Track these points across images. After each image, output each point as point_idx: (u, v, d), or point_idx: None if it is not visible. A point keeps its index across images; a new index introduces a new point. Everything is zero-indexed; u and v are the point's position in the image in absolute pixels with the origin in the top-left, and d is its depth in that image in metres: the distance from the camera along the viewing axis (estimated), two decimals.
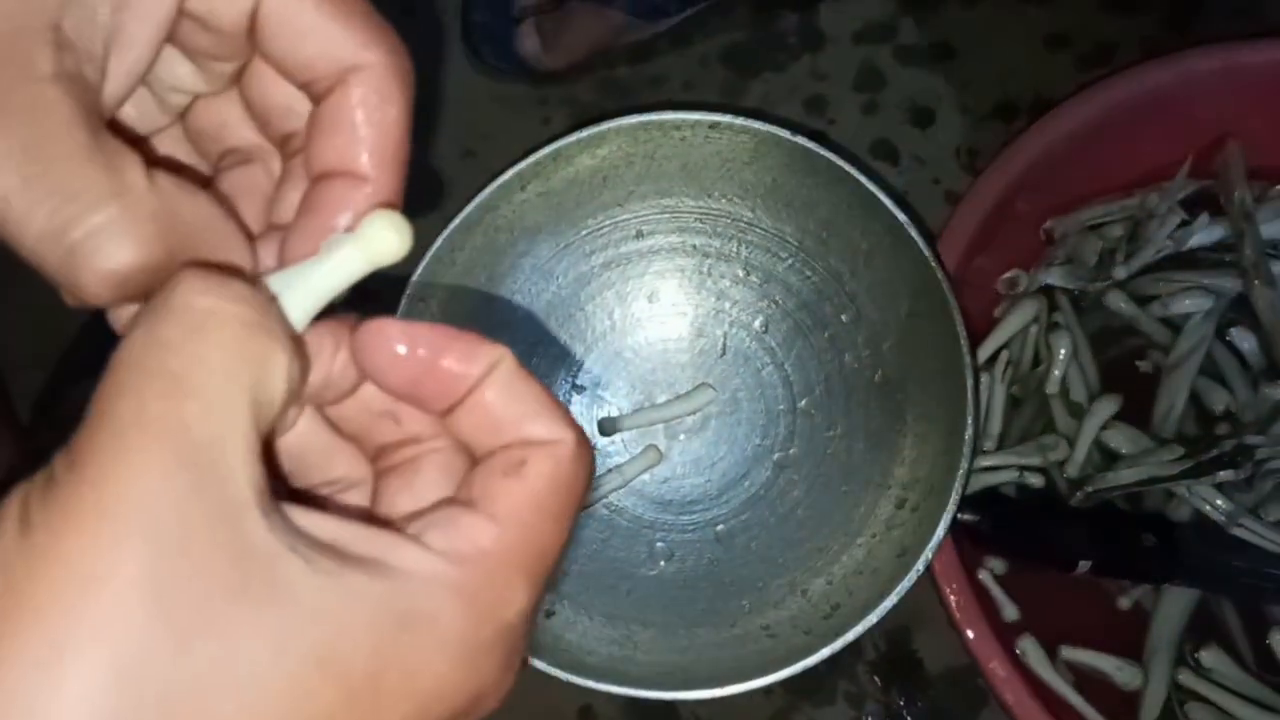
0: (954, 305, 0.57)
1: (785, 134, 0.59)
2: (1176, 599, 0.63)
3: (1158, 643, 0.63)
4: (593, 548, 0.66)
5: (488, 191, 0.59)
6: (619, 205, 0.65)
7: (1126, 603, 0.65)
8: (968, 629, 0.58)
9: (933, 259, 0.58)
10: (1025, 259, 0.70)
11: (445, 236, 0.59)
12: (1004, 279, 0.69)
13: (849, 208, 0.61)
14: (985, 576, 0.65)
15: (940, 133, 0.79)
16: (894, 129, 0.79)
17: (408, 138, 0.24)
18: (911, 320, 0.62)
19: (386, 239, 0.23)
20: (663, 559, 0.66)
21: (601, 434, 0.68)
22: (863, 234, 0.62)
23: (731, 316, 0.68)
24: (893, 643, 0.71)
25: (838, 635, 0.56)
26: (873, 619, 0.56)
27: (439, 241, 0.59)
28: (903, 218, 0.58)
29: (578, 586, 0.64)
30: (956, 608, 0.58)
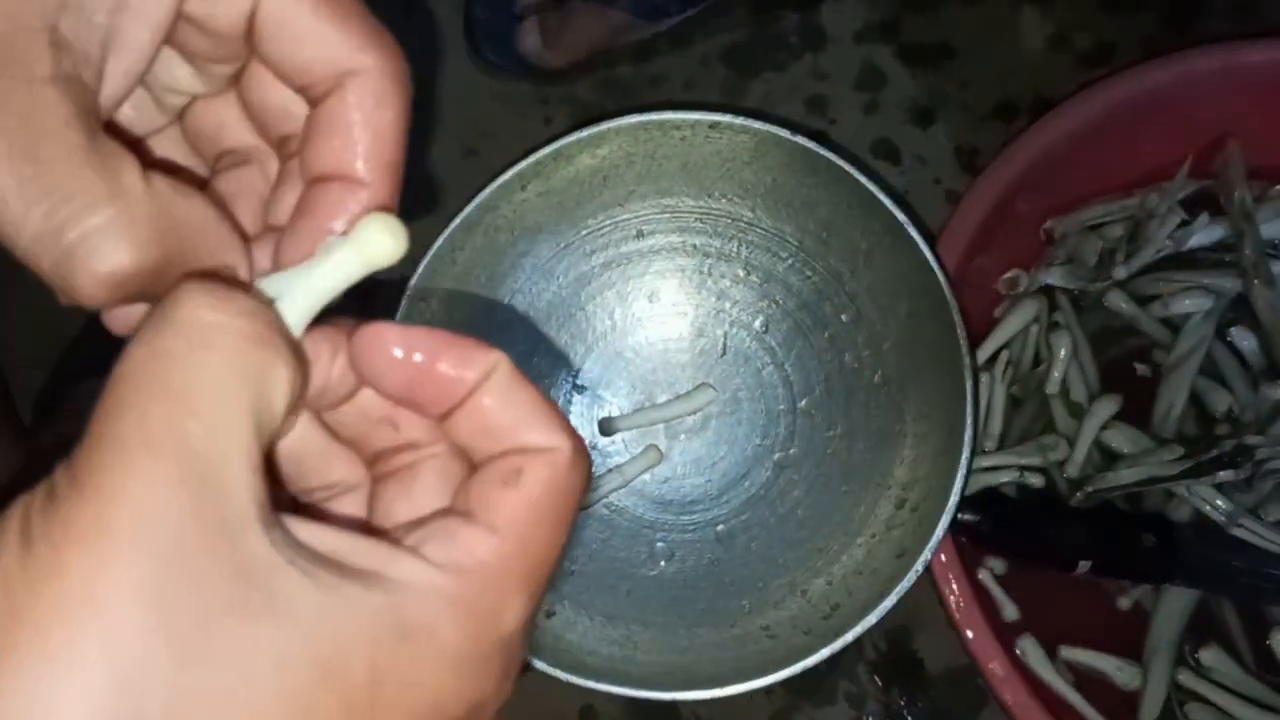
0: (954, 305, 0.57)
1: (785, 134, 0.59)
2: (1176, 599, 0.63)
3: (1158, 643, 0.63)
4: (593, 548, 0.66)
5: (488, 191, 0.59)
6: (619, 205, 0.65)
7: (1126, 603, 0.65)
8: (967, 629, 0.58)
9: (933, 259, 0.58)
10: (1025, 259, 0.70)
11: (446, 236, 0.59)
12: (1004, 279, 0.69)
13: (849, 208, 0.61)
14: (985, 576, 0.65)
15: (941, 132, 0.79)
16: (895, 128, 0.80)
17: (404, 143, 0.24)
18: (911, 320, 0.62)
19: (382, 242, 0.23)
20: (663, 559, 0.66)
21: (602, 434, 0.68)
22: (863, 234, 0.62)
23: (732, 316, 0.68)
24: (893, 643, 0.71)
25: (837, 635, 0.56)
26: (872, 619, 0.56)
27: (439, 241, 0.59)
28: (902, 218, 0.58)
29: (578, 586, 0.64)
30: (956, 608, 0.58)
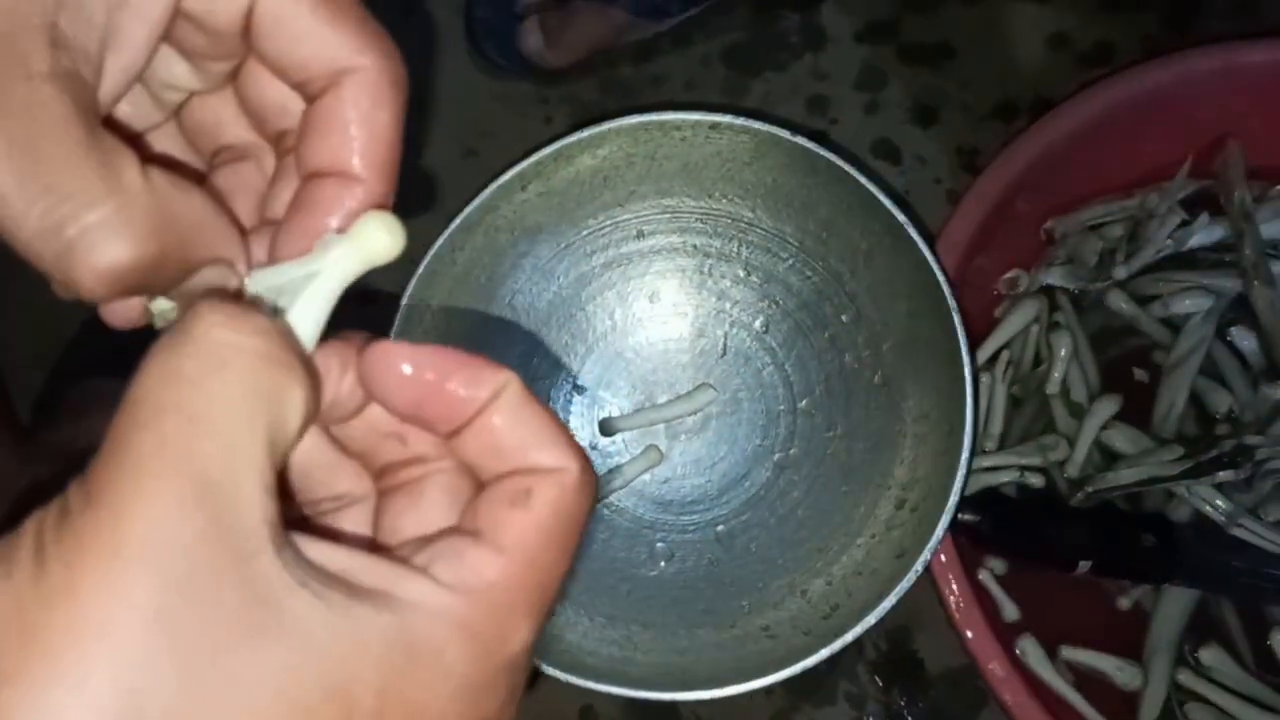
0: (953, 305, 0.57)
1: (785, 134, 0.59)
2: (1176, 599, 0.63)
3: (1158, 643, 0.63)
4: (593, 548, 0.66)
5: (488, 191, 0.59)
6: (620, 205, 0.65)
7: (1126, 603, 0.65)
8: (967, 629, 0.58)
9: (932, 259, 0.58)
10: (1025, 259, 0.70)
11: (446, 236, 0.59)
12: (1005, 279, 0.69)
13: (849, 208, 0.61)
14: (985, 576, 0.65)
15: (941, 132, 0.79)
16: (895, 128, 0.80)
17: (400, 141, 0.24)
18: (911, 320, 0.62)
19: (380, 240, 0.23)
20: (663, 559, 0.66)
21: (602, 434, 0.68)
22: (863, 234, 0.62)
23: (732, 317, 0.68)
24: (893, 643, 0.71)
25: (837, 636, 0.56)
26: (871, 620, 0.56)
27: (439, 241, 0.59)
28: (902, 218, 0.58)
29: (578, 587, 0.64)
30: (956, 608, 0.58)
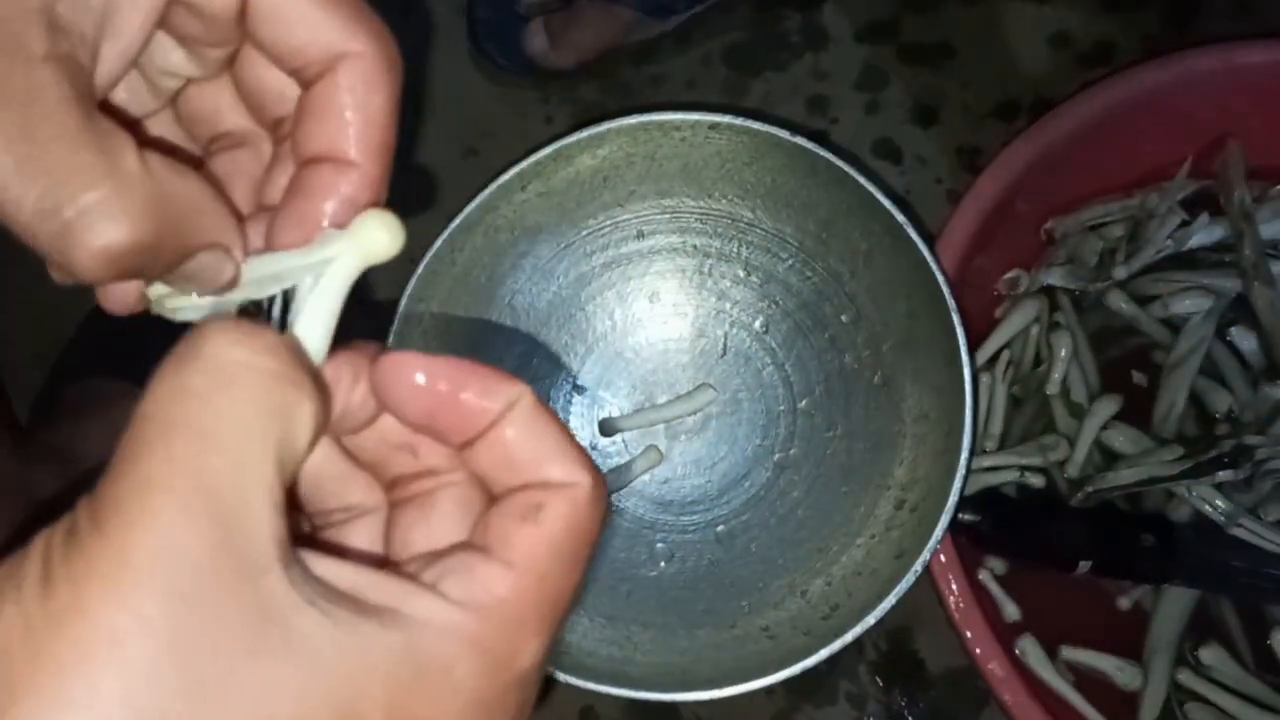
0: (953, 306, 0.57)
1: (784, 134, 0.59)
2: (1176, 599, 0.63)
3: (1158, 643, 0.63)
4: None
5: (488, 191, 0.59)
6: (620, 205, 0.65)
7: (1126, 603, 0.65)
8: (967, 629, 0.58)
9: (932, 259, 0.58)
10: (1025, 259, 0.70)
11: (445, 236, 0.59)
12: (1005, 279, 0.69)
13: (849, 208, 0.61)
14: (985, 576, 0.65)
15: (941, 132, 0.79)
16: (895, 128, 0.80)
17: (395, 126, 0.24)
18: (911, 320, 0.62)
19: (379, 238, 0.23)
20: (663, 560, 0.66)
21: (602, 434, 0.68)
22: (863, 234, 0.62)
23: (732, 317, 0.68)
24: (894, 643, 0.71)
25: (837, 636, 0.56)
26: (871, 620, 0.56)
27: (439, 241, 0.59)
28: (901, 218, 0.58)
29: None
30: (956, 608, 0.58)
